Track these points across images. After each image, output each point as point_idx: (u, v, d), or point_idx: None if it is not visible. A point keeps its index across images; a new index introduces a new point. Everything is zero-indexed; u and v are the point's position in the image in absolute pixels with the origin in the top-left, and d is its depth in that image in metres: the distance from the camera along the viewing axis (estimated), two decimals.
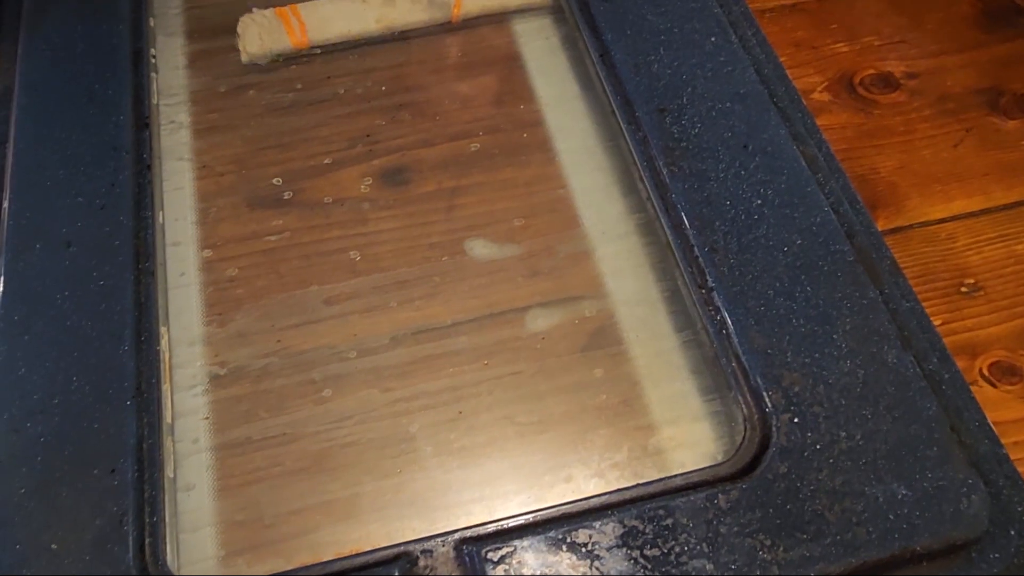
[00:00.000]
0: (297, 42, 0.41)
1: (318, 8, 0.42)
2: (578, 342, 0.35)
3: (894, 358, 0.32)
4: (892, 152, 0.44)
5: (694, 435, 0.32)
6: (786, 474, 0.29)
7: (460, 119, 0.41)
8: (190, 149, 0.40)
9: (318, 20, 0.41)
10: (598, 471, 0.31)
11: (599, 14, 0.40)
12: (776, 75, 0.39)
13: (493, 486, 0.31)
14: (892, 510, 0.29)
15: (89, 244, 0.33)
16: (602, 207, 0.39)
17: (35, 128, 0.36)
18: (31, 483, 0.29)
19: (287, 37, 0.41)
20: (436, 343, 0.35)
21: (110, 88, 0.37)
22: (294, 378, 0.34)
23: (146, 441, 0.30)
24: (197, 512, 0.32)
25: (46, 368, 0.31)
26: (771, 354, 0.32)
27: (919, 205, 0.43)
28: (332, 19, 0.41)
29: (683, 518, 0.28)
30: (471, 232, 0.38)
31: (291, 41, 0.41)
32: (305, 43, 0.41)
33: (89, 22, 0.39)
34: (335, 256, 0.37)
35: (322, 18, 0.42)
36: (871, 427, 0.30)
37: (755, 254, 0.34)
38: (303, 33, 0.41)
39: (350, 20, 0.42)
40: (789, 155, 0.36)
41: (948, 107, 0.46)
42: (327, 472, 0.32)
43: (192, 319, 0.35)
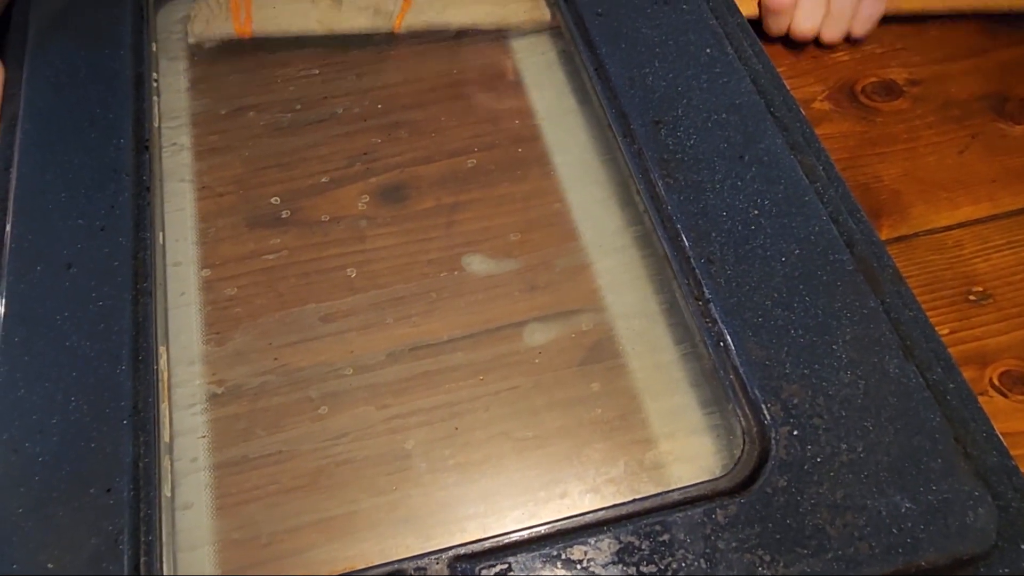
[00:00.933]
0: (240, 30, 0.42)
1: (270, 1, 0.43)
2: (576, 356, 0.35)
3: (896, 368, 0.31)
4: (896, 160, 0.44)
5: (692, 449, 0.32)
6: (786, 488, 0.29)
7: (458, 135, 0.41)
8: (191, 170, 0.40)
9: (265, 14, 0.43)
10: (594, 486, 0.31)
11: (594, 28, 0.40)
12: (773, 85, 0.39)
13: (488, 502, 0.31)
14: (895, 524, 0.28)
15: (89, 265, 0.34)
16: (599, 220, 0.39)
17: (38, 152, 0.37)
18: (28, 502, 0.29)
19: (231, 24, 0.42)
20: (433, 359, 0.35)
21: (111, 112, 0.38)
22: (291, 396, 0.34)
23: (142, 460, 0.30)
24: (195, 531, 0.32)
25: (45, 388, 0.31)
26: (770, 366, 0.31)
27: (924, 213, 0.42)
28: (278, 14, 0.43)
29: (680, 534, 0.28)
30: (469, 248, 0.38)
31: (234, 28, 0.42)
32: (248, 32, 0.42)
33: (92, 48, 0.40)
34: (333, 274, 0.37)
35: (269, 12, 0.43)
36: (873, 439, 0.29)
37: (752, 265, 0.33)
38: (248, 23, 0.42)
39: (294, 18, 0.43)
40: (786, 165, 0.36)
41: (952, 113, 0.45)
42: (323, 490, 0.32)
43: (192, 338, 0.36)
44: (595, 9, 0.41)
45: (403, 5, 0.42)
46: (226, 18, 0.42)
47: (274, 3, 0.43)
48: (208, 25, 0.42)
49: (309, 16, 0.43)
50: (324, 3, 0.43)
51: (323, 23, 0.43)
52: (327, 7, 0.42)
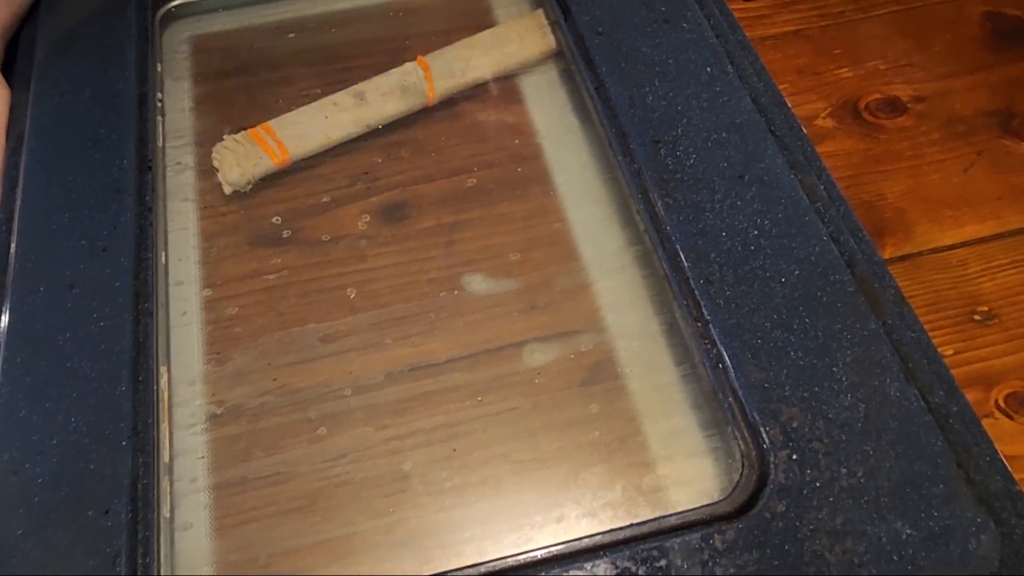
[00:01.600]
0: (279, 161, 0.40)
1: (291, 122, 0.41)
2: (576, 377, 0.35)
3: (897, 391, 0.31)
4: (900, 177, 0.44)
5: (691, 472, 0.32)
6: (784, 513, 0.28)
7: (458, 154, 0.41)
8: (194, 189, 0.41)
9: (294, 134, 0.40)
10: (591, 510, 0.31)
11: (594, 47, 0.40)
12: (774, 103, 0.39)
13: (485, 526, 0.31)
14: (896, 551, 0.28)
15: (91, 286, 0.34)
16: (600, 240, 0.39)
17: (43, 172, 0.37)
18: (28, 524, 0.29)
19: (268, 159, 0.40)
20: (432, 380, 0.35)
21: (115, 132, 0.38)
22: (290, 417, 0.34)
23: (141, 482, 0.30)
24: (194, 552, 0.32)
25: (46, 409, 0.31)
26: (769, 388, 0.31)
27: (928, 231, 0.42)
28: (308, 131, 0.40)
29: (677, 559, 0.28)
30: (469, 267, 0.38)
31: (273, 162, 0.40)
32: (287, 160, 0.40)
33: (97, 69, 0.40)
34: (333, 293, 0.37)
35: (298, 131, 0.40)
36: (873, 464, 0.29)
37: (752, 286, 0.33)
38: (283, 152, 0.39)
39: (327, 128, 0.40)
40: (787, 184, 0.36)
41: (957, 130, 0.45)
42: (321, 512, 0.32)
43: (193, 358, 0.36)
44: (595, 28, 0.41)
45: (426, 76, 0.41)
46: (257, 155, 0.39)
47: (296, 122, 0.41)
48: (243, 169, 0.39)
49: (342, 120, 0.40)
50: (348, 103, 0.41)
51: (358, 122, 0.41)
52: (353, 106, 0.40)
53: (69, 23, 0.42)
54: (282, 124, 0.41)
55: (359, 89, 0.42)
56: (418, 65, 0.42)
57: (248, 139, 0.40)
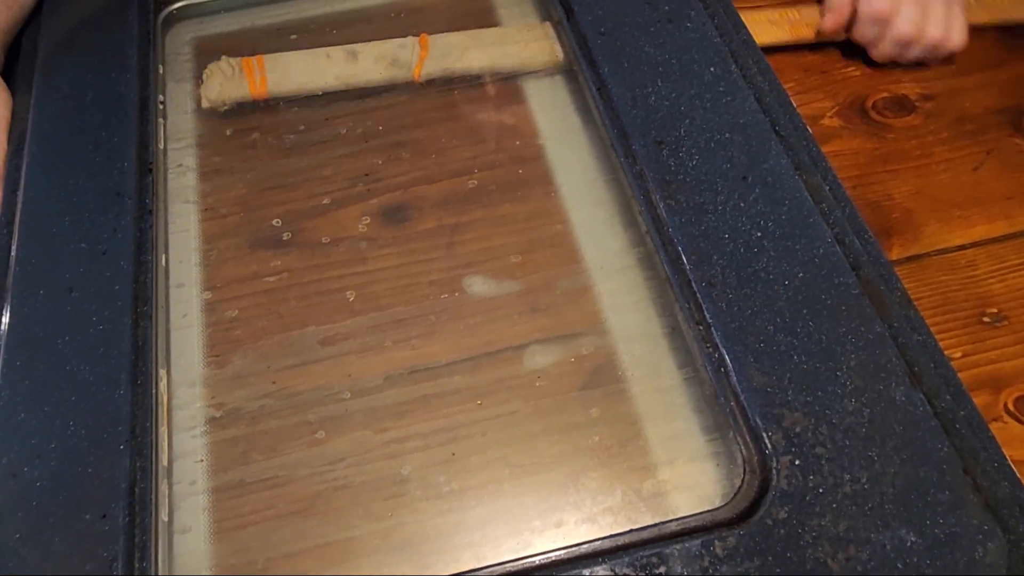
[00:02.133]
0: (256, 92, 0.42)
1: (283, 60, 0.43)
2: (577, 380, 0.35)
3: (902, 395, 0.30)
4: (908, 177, 0.43)
5: (692, 477, 0.31)
6: (786, 520, 0.28)
7: (460, 156, 0.41)
8: (196, 191, 0.41)
9: (280, 72, 0.42)
10: (590, 515, 0.30)
11: (596, 47, 0.40)
12: (779, 103, 0.38)
13: (483, 531, 0.30)
14: (900, 558, 0.27)
15: (90, 289, 0.34)
16: (602, 241, 0.38)
17: (43, 176, 0.37)
18: (26, 528, 0.29)
19: (247, 86, 0.42)
20: (432, 383, 0.35)
21: (116, 135, 0.38)
22: (289, 420, 0.34)
23: (138, 485, 0.30)
24: (193, 555, 0.32)
25: (44, 413, 0.31)
26: (771, 393, 0.30)
27: (937, 232, 0.41)
28: (293, 72, 0.42)
29: (677, 566, 0.27)
30: (470, 269, 0.38)
31: (250, 91, 0.42)
32: (264, 93, 0.42)
33: (98, 72, 0.40)
34: (333, 296, 0.37)
35: (284, 70, 0.42)
36: (877, 469, 0.29)
37: (755, 288, 0.33)
38: (263, 84, 0.41)
39: (311, 74, 0.42)
40: (791, 185, 0.35)
41: (967, 129, 0.44)
42: (320, 515, 0.32)
43: (193, 360, 0.36)
44: (598, 28, 0.41)
45: (420, 54, 0.42)
46: (240, 81, 0.42)
47: (287, 61, 0.43)
48: (222, 89, 0.41)
49: (326, 72, 0.42)
50: (339, 58, 0.42)
51: (340, 78, 0.42)
52: (343, 61, 0.42)
53: (70, 26, 0.42)
54: (274, 60, 0.43)
55: (355, 48, 0.43)
56: (418, 42, 0.43)
57: (239, 65, 0.42)
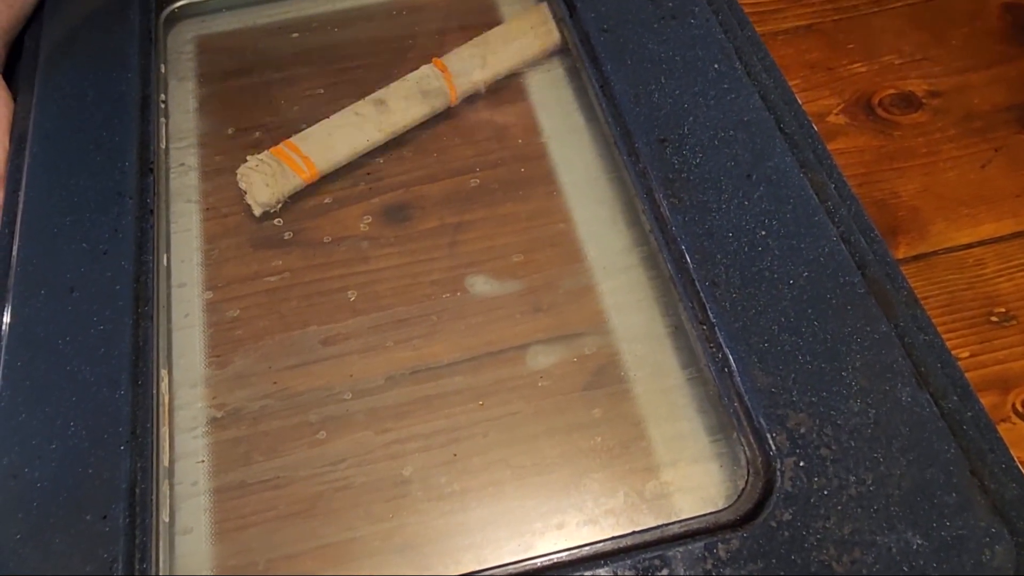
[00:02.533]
0: (307, 177, 0.39)
1: (314, 135, 0.40)
2: (580, 380, 0.34)
3: (908, 396, 0.30)
4: (914, 175, 0.42)
5: (695, 478, 0.31)
6: (790, 522, 0.28)
7: (461, 154, 0.41)
8: (197, 191, 0.41)
9: (319, 148, 0.39)
10: (592, 517, 0.30)
11: (599, 44, 0.40)
12: (784, 100, 0.38)
13: (484, 532, 0.30)
14: (906, 561, 0.27)
15: (91, 289, 0.34)
16: (605, 240, 0.38)
17: (45, 175, 0.37)
18: (26, 529, 0.29)
19: (296, 175, 0.39)
20: (433, 383, 0.34)
21: (117, 135, 0.38)
22: (290, 420, 0.34)
23: (139, 486, 0.30)
24: (194, 556, 0.31)
25: (45, 413, 0.31)
26: (775, 393, 0.30)
27: (944, 230, 0.41)
28: (333, 143, 0.40)
29: (680, 568, 0.27)
30: (472, 268, 0.38)
31: (301, 178, 0.39)
32: (315, 175, 0.39)
33: (99, 71, 0.40)
34: (334, 295, 0.37)
35: (323, 144, 0.39)
36: (883, 471, 0.28)
37: (759, 288, 0.32)
38: (310, 166, 0.39)
39: (352, 137, 0.40)
40: (796, 183, 0.35)
41: (975, 126, 0.44)
42: (321, 516, 0.32)
43: (195, 360, 0.36)
44: (601, 25, 0.40)
45: (445, 77, 0.41)
46: (284, 173, 0.38)
47: (319, 135, 0.40)
48: (272, 189, 0.38)
49: (365, 129, 0.40)
50: (369, 111, 0.40)
51: (383, 129, 0.40)
52: (375, 113, 0.40)
53: (72, 25, 0.42)
54: (305, 139, 0.40)
55: (379, 96, 0.41)
56: (435, 67, 0.42)
57: (273, 158, 0.39)
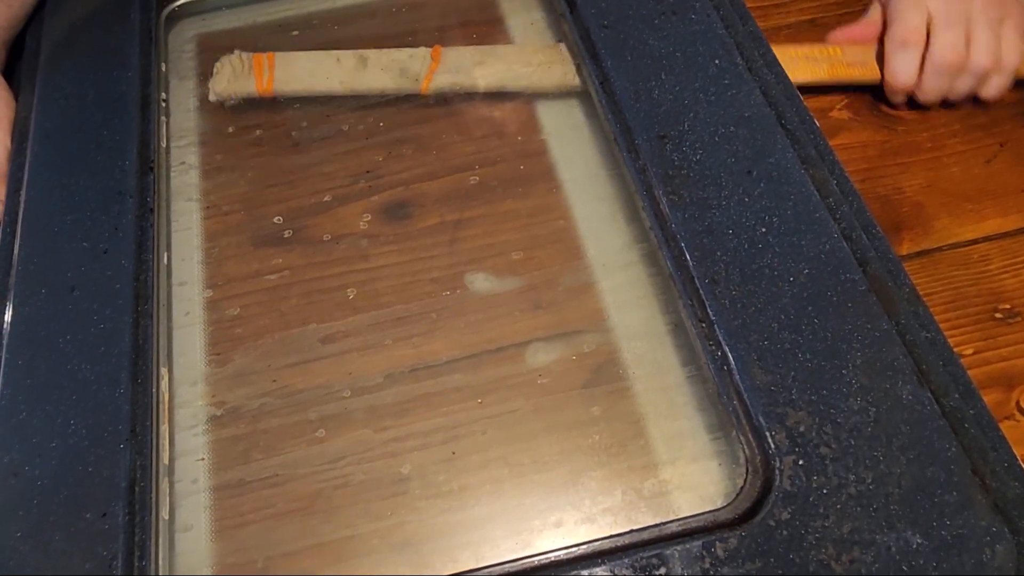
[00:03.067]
0: (262, 90, 0.41)
1: (292, 59, 0.42)
2: (579, 378, 0.34)
3: (909, 394, 0.30)
4: (918, 170, 0.42)
5: (694, 477, 0.31)
6: (789, 521, 0.27)
7: (461, 151, 0.41)
8: (198, 189, 0.41)
9: (288, 71, 0.42)
10: (590, 515, 0.30)
11: (599, 40, 0.39)
12: (786, 95, 0.38)
13: (482, 530, 0.30)
14: (906, 560, 0.27)
15: (91, 288, 0.34)
16: (605, 237, 0.38)
17: (45, 175, 0.37)
18: (27, 527, 0.29)
19: (253, 85, 0.42)
20: (432, 381, 0.34)
21: (117, 134, 0.38)
22: (290, 418, 0.34)
23: (139, 484, 0.30)
24: (194, 553, 0.32)
25: (46, 411, 0.31)
26: (775, 391, 0.30)
27: (948, 226, 0.40)
28: (301, 73, 0.42)
29: (677, 567, 0.27)
30: (472, 266, 0.38)
31: (256, 88, 0.42)
32: (269, 91, 0.42)
33: (100, 71, 0.40)
34: (334, 293, 0.37)
35: (292, 71, 0.42)
36: (883, 470, 0.28)
37: (759, 285, 0.32)
38: (270, 82, 0.41)
39: (318, 77, 0.42)
40: (797, 179, 0.35)
41: (979, 121, 0.43)
42: (320, 514, 0.32)
43: (195, 358, 0.36)
44: (601, 21, 0.40)
45: (430, 66, 0.41)
46: (248, 77, 0.42)
47: (296, 61, 0.42)
48: (230, 84, 0.41)
49: (332, 76, 0.42)
50: (348, 63, 0.42)
51: (346, 83, 0.42)
52: (351, 67, 0.41)
53: (73, 24, 0.42)
54: (284, 60, 0.42)
55: (365, 54, 0.42)
56: (430, 53, 0.42)
57: (249, 61, 0.42)
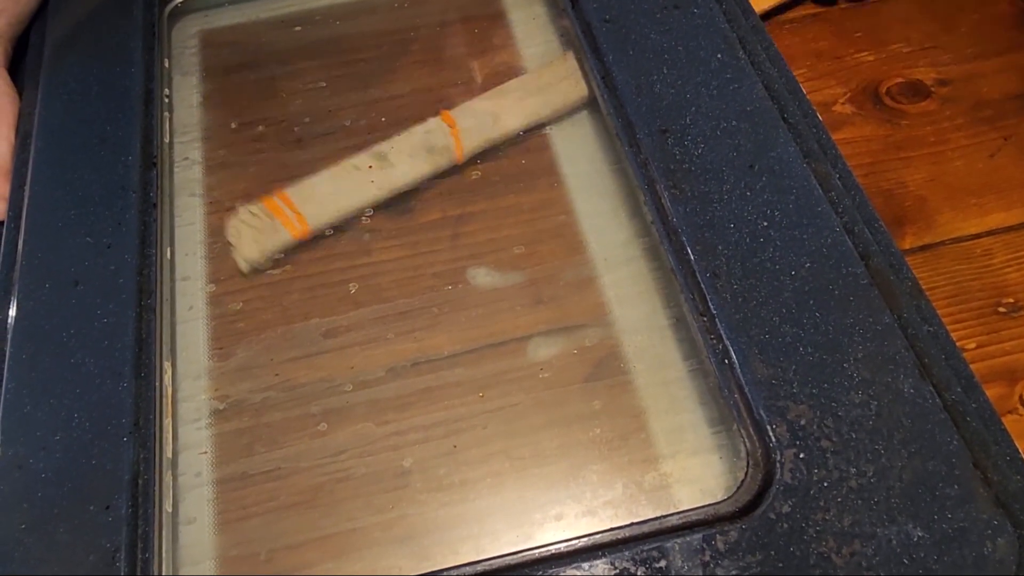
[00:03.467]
0: (298, 234, 0.37)
1: (310, 189, 0.38)
2: (581, 372, 0.34)
3: (911, 388, 0.30)
4: (922, 164, 0.42)
5: (695, 470, 0.31)
6: (790, 514, 0.27)
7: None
8: (201, 185, 0.41)
9: (315, 203, 0.37)
10: (591, 508, 0.30)
11: (601, 35, 0.39)
12: (788, 89, 0.38)
13: (483, 523, 0.30)
14: (906, 554, 0.27)
15: (95, 282, 0.34)
16: (607, 232, 0.38)
17: (49, 170, 0.37)
18: (31, 519, 0.29)
19: (287, 232, 0.37)
20: (434, 375, 0.34)
21: (120, 130, 0.38)
22: (292, 412, 0.34)
23: (142, 477, 0.30)
24: (198, 546, 0.32)
25: (50, 405, 0.31)
26: (776, 385, 0.30)
27: (951, 220, 0.40)
28: (329, 199, 0.37)
29: (678, 560, 0.27)
30: (474, 260, 0.38)
31: (292, 235, 0.37)
32: (307, 232, 0.37)
33: (104, 66, 0.40)
34: (336, 288, 0.37)
35: (318, 200, 0.38)
36: (884, 463, 0.28)
37: (760, 279, 0.32)
38: (302, 222, 0.37)
39: (349, 195, 0.38)
40: (799, 173, 0.35)
41: (984, 115, 0.43)
42: (322, 507, 0.32)
43: (198, 353, 0.36)
44: (603, 16, 0.40)
45: (452, 132, 0.38)
46: (275, 229, 0.37)
47: (315, 188, 0.38)
48: (260, 244, 0.37)
49: (364, 186, 0.38)
50: (368, 165, 0.38)
51: (382, 187, 0.38)
52: (376, 169, 0.37)
53: (77, 20, 0.42)
54: (300, 192, 0.38)
55: (381, 150, 0.39)
56: (442, 121, 0.40)
57: (265, 212, 0.38)
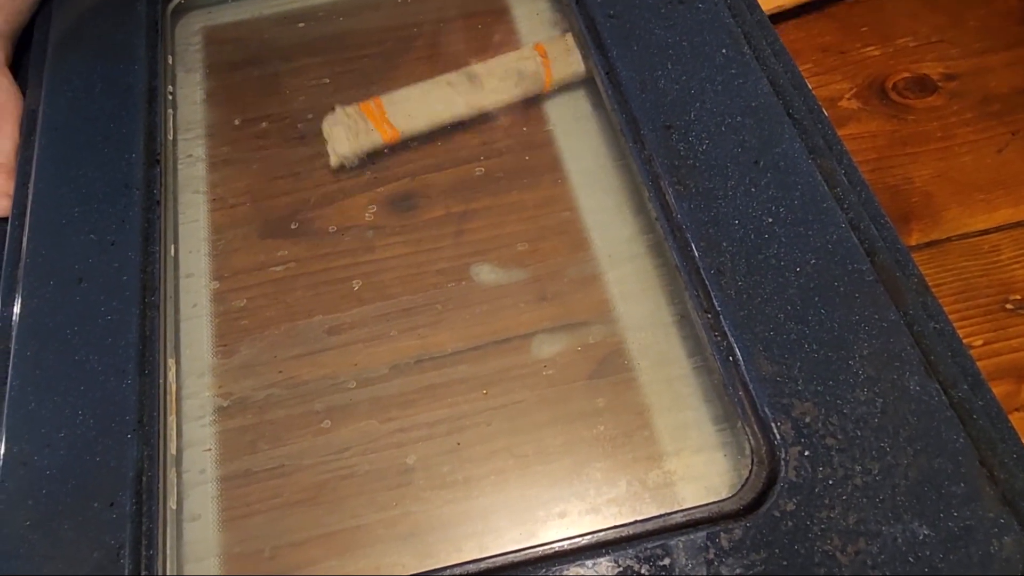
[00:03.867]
0: (389, 137, 0.39)
1: (402, 98, 0.40)
2: (585, 369, 0.34)
3: (917, 385, 0.29)
4: (928, 160, 0.42)
5: (699, 468, 0.31)
6: (794, 512, 0.27)
7: (467, 143, 0.41)
8: (205, 182, 0.41)
9: (404, 111, 0.40)
10: (594, 506, 0.30)
11: (605, 30, 0.39)
12: (793, 85, 0.37)
13: (486, 521, 0.30)
14: (912, 552, 0.26)
15: (99, 280, 0.34)
16: (611, 229, 0.38)
17: (53, 168, 0.37)
18: (35, 516, 0.29)
19: (378, 134, 0.39)
20: (438, 372, 0.34)
21: (124, 127, 0.38)
22: (295, 409, 0.34)
23: (146, 474, 0.30)
24: (202, 543, 0.32)
25: (54, 402, 0.31)
26: (781, 382, 0.30)
27: (958, 216, 0.40)
28: (419, 108, 0.40)
29: (682, 558, 0.27)
30: (478, 257, 0.38)
31: (383, 137, 0.39)
32: (397, 136, 0.39)
33: (107, 63, 0.40)
34: (340, 285, 0.37)
35: (408, 109, 0.40)
36: (890, 461, 0.28)
37: (765, 276, 0.32)
38: (392, 128, 0.39)
39: (439, 107, 0.40)
40: (804, 169, 0.34)
41: (992, 109, 0.43)
42: (326, 504, 0.32)
43: (202, 350, 0.36)
44: (607, 11, 0.40)
45: (544, 62, 0.40)
46: (368, 129, 0.39)
47: (407, 98, 0.40)
48: (352, 143, 0.39)
49: (454, 101, 0.40)
50: (461, 83, 0.40)
51: (471, 104, 0.40)
52: (467, 87, 0.39)
53: (80, 17, 0.42)
54: (392, 100, 0.40)
55: (474, 71, 0.41)
56: (535, 50, 0.41)
57: (359, 113, 0.39)
